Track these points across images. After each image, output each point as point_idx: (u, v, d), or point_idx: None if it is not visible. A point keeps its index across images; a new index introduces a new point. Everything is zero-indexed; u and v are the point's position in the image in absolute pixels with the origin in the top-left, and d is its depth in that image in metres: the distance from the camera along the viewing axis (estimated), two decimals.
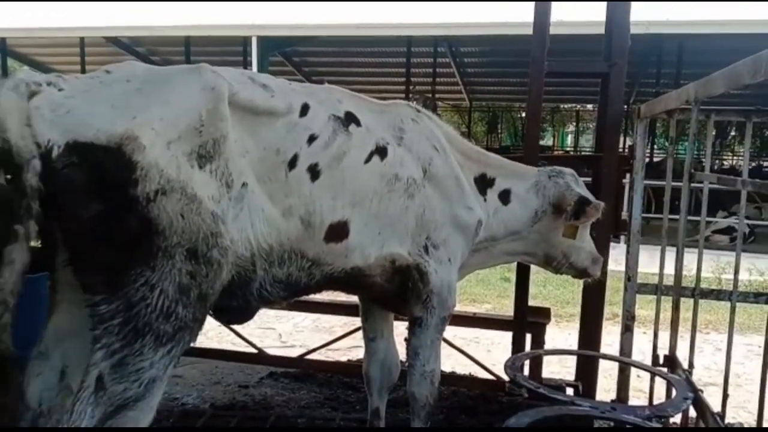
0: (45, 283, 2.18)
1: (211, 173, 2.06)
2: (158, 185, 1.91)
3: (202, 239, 2.01)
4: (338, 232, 2.46)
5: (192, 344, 2.14)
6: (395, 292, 2.80)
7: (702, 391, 2.90)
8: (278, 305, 2.65)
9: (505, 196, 3.08)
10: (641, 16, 10.38)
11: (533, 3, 3.77)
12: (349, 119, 2.54)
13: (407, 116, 2.82)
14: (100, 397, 1.93)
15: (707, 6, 12.31)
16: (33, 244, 2.07)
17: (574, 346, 4.55)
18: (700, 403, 2.82)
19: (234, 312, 2.48)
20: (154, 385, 2.01)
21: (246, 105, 2.21)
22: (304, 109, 2.39)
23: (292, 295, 2.56)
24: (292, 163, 2.32)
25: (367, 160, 2.54)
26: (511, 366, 2.61)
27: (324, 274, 2.51)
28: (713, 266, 9.15)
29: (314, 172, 2.37)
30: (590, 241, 3.33)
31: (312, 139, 2.38)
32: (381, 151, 2.58)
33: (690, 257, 3.18)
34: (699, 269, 3.20)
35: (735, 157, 26.32)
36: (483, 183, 3.04)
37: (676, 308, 3.18)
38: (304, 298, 2.93)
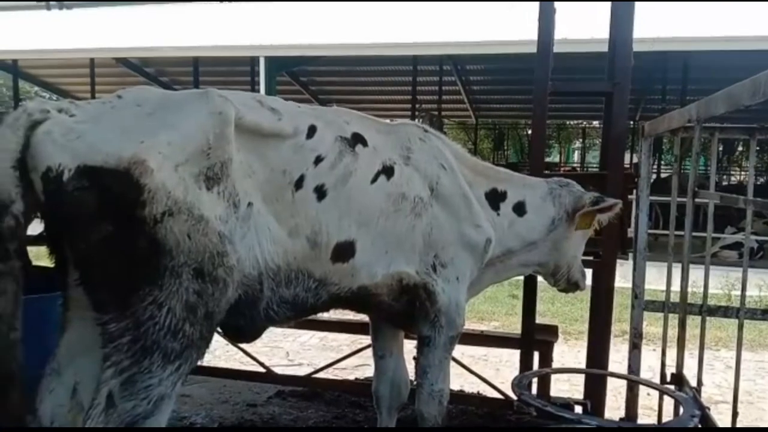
0: (58, 302, 2.23)
1: (218, 194, 2.11)
2: (166, 207, 1.95)
3: (209, 258, 2.05)
4: (345, 251, 2.48)
5: (200, 362, 2.17)
6: (403, 311, 2.80)
7: (709, 409, 2.89)
8: (285, 325, 2.67)
9: (519, 208, 3.09)
10: (646, 33, 10.42)
11: (536, 23, 3.82)
12: (356, 140, 2.56)
13: (415, 135, 2.83)
14: (110, 415, 1.96)
15: (712, 22, 12.31)
16: (47, 264, 2.14)
17: (584, 364, 4.53)
18: (707, 421, 2.81)
19: (241, 331, 2.50)
20: (163, 402, 2.03)
21: (252, 128, 2.25)
22: (311, 131, 2.43)
23: (298, 315, 2.57)
24: (299, 184, 2.35)
25: (374, 180, 2.56)
26: (519, 384, 2.61)
27: (331, 294, 2.53)
28: (723, 282, 9.11)
29: (321, 192, 2.40)
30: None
31: (318, 160, 2.41)
32: (387, 171, 2.61)
33: (698, 273, 3.18)
34: (706, 286, 3.21)
35: (743, 173, 26.22)
36: (495, 197, 3.04)
37: (682, 326, 3.18)
38: (312, 316, 2.94)
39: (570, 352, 7.30)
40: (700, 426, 2.58)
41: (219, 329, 2.44)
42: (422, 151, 2.79)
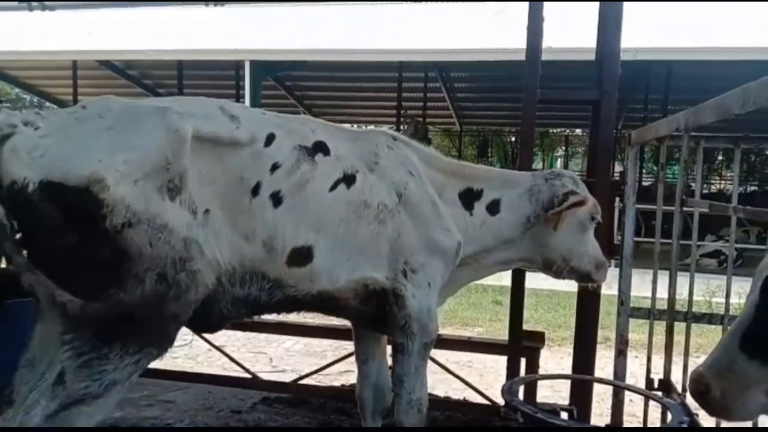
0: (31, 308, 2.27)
1: (181, 204, 2.25)
2: (125, 218, 2.10)
3: (171, 264, 2.18)
4: (301, 256, 2.54)
5: (183, 368, 2.21)
6: (374, 315, 2.82)
7: (697, 415, 2.91)
8: (241, 320, 2.74)
9: (493, 207, 3.06)
10: (630, 43, 10.51)
11: (525, 30, 3.84)
12: (317, 149, 2.63)
13: (382, 143, 2.87)
14: (57, 391, 2.07)
15: (695, 33, 12.48)
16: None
17: (567, 370, 4.54)
18: (695, 427, 2.82)
19: (200, 325, 2.58)
20: (114, 388, 2.15)
21: (211, 138, 2.36)
22: (269, 139, 2.51)
23: (253, 312, 2.66)
24: (255, 191, 2.44)
25: (333, 188, 2.61)
26: (509, 390, 2.61)
27: (287, 296, 2.59)
28: (703, 290, 9.22)
29: (276, 198, 2.47)
30: (595, 245, 3.22)
31: (275, 167, 2.48)
32: (348, 179, 2.65)
33: (680, 281, 3.21)
34: (691, 293, 3.23)
35: (723, 181, 26.59)
36: (469, 197, 3.03)
37: (670, 332, 3.20)
38: (296, 321, 2.93)
39: (553, 358, 7.34)
40: None
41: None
42: (389, 158, 2.82)
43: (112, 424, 3.93)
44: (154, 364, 2.37)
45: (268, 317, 3.44)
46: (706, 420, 3.04)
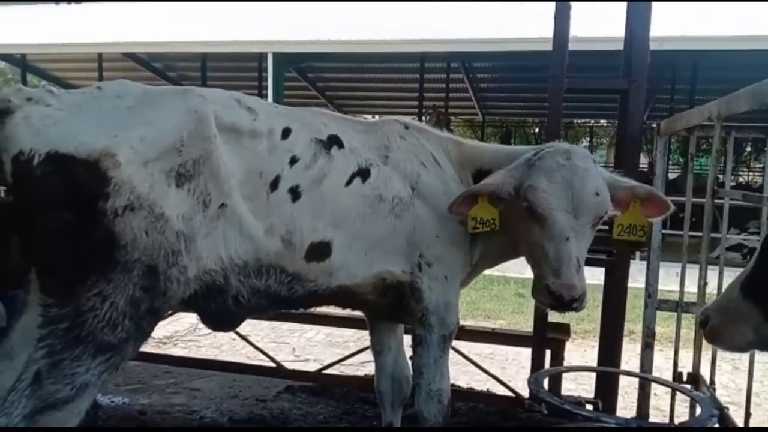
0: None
1: (188, 192, 2.18)
2: (128, 201, 2.03)
3: (163, 257, 2.12)
4: (320, 251, 2.52)
5: (208, 356, 2.18)
6: (393, 307, 2.80)
7: (728, 408, 2.88)
8: (264, 313, 2.70)
9: None
10: (656, 32, 10.33)
11: (551, 20, 3.80)
12: (332, 142, 2.59)
13: (394, 133, 2.81)
14: (34, 392, 2.03)
15: (723, 22, 12.22)
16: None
17: (590, 363, 4.50)
18: (726, 421, 2.79)
19: (214, 315, 2.51)
20: (86, 390, 2.09)
21: (230, 127, 2.33)
22: (286, 133, 2.49)
23: (274, 306, 2.62)
24: (274, 185, 2.41)
25: (348, 183, 2.58)
26: (535, 382, 2.59)
27: (308, 290, 2.57)
28: (730, 283, 9.08)
29: (295, 193, 2.45)
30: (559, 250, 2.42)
31: (294, 161, 2.46)
32: (363, 173, 2.61)
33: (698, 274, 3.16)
34: (720, 286, 3.18)
35: (751, 173, 26.13)
36: (480, 178, 2.82)
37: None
38: (318, 311, 2.90)
39: (577, 350, 7.28)
40: (718, 426, 2.56)
41: (198, 317, 2.54)
42: (401, 149, 2.76)
43: (140, 410, 4.00)
44: (181, 353, 2.37)
45: None
46: (737, 415, 3.00)
